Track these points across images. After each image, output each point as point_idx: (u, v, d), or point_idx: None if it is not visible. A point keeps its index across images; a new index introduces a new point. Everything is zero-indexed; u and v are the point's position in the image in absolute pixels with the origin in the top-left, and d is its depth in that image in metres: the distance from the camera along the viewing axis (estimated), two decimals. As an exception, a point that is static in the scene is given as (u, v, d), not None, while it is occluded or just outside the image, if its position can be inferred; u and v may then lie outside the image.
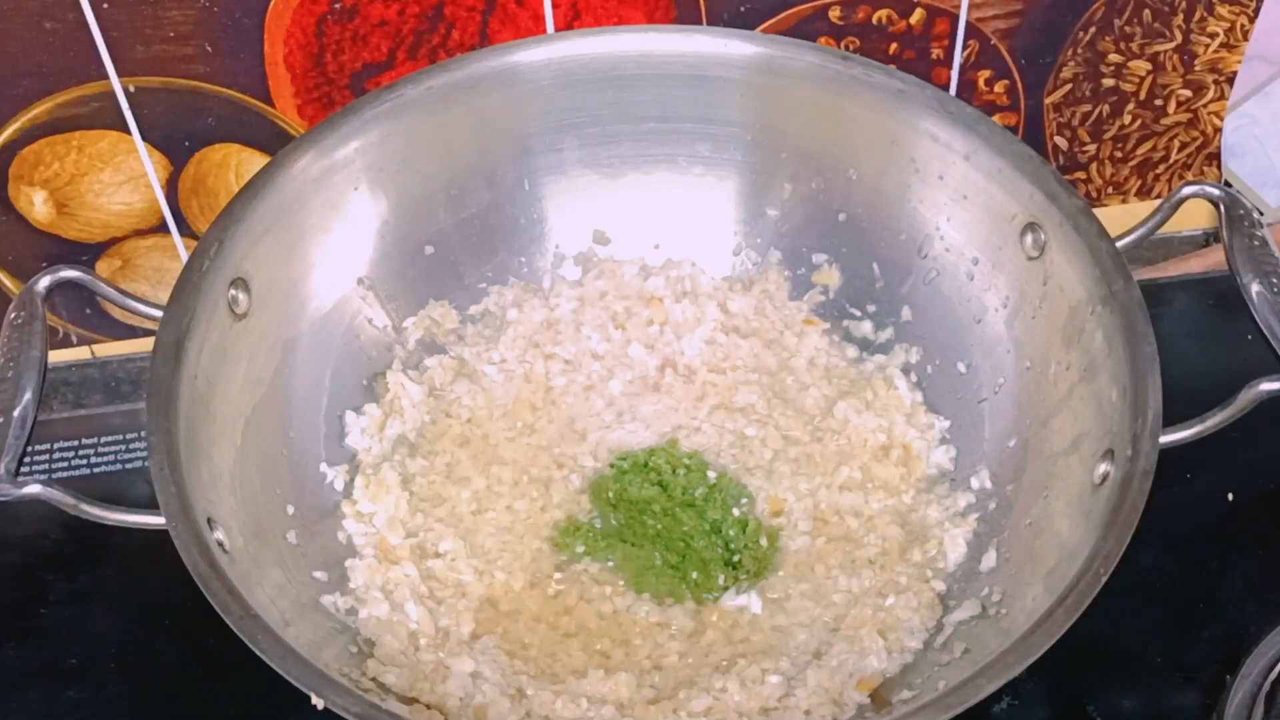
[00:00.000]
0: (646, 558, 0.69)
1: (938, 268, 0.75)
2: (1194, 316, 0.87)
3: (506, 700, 0.63)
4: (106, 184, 0.80)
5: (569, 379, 0.77)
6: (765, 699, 0.63)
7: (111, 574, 0.75)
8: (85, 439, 0.82)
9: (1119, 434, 0.61)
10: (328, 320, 0.74)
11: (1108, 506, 0.59)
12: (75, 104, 0.76)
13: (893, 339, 0.77)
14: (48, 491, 0.61)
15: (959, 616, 0.66)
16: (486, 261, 0.79)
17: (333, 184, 0.72)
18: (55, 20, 0.72)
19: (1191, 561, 0.74)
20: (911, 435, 0.74)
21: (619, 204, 0.79)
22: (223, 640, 0.55)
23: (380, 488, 0.70)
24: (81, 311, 0.85)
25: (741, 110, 0.76)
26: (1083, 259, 0.67)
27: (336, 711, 0.54)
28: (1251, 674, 0.69)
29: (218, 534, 0.60)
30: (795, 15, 0.79)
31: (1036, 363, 0.71)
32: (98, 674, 0.71)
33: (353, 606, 0.66)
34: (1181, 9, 0.82)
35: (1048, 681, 0.69)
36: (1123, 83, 0.85)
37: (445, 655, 0.64)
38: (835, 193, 0.77)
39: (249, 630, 0.55)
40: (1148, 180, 0.90)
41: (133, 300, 0.69)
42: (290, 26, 0.75)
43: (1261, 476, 0.78)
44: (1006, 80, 0.83)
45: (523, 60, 0.75)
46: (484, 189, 0.78)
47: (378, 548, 0.69)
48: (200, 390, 0.64)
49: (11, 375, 0.64)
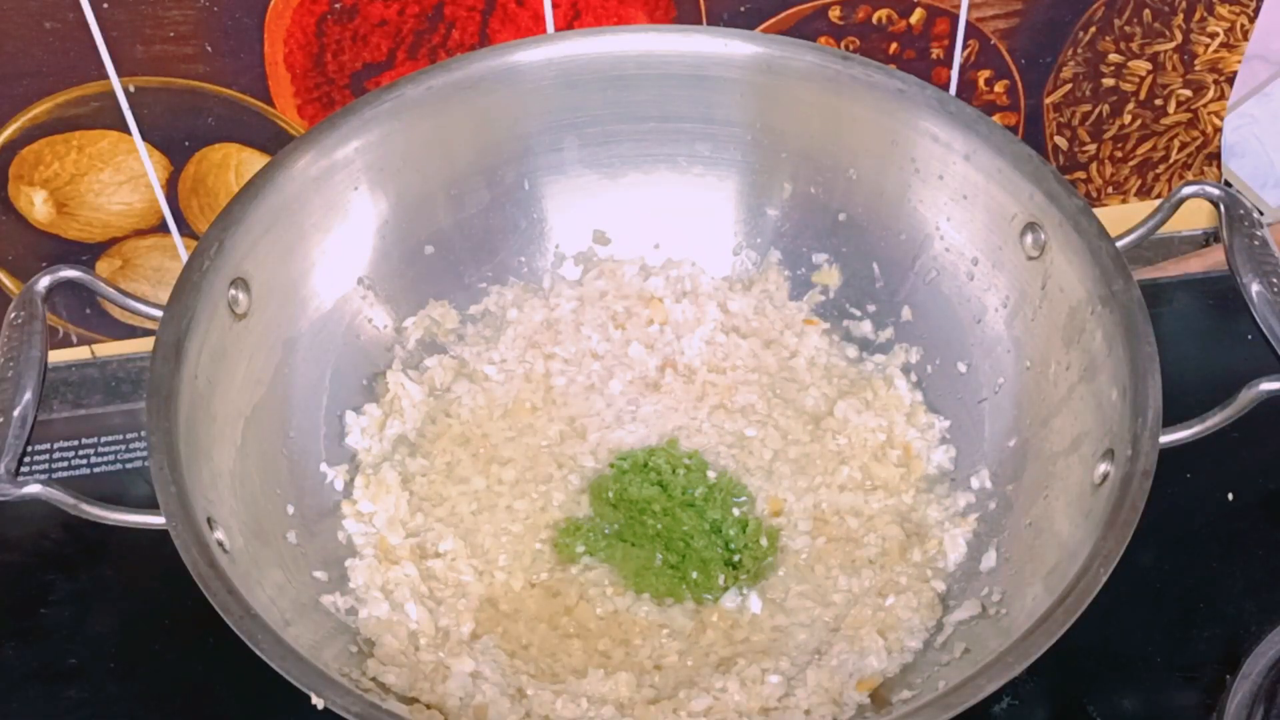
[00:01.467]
0: (646, 558, 0.69)
1: (938, 268, 0.75)
2: (1194, 316, 0.87)
3: (506, 700, 0.63)
4: (106, 184, 0.80)
5: (569, 379, 0.77)
6: (765, 699, 0.63)
7: (111, 574, 0.75)
8: (85, 439, 0.82)
9: (1119, 434, 0.61)
10: (328, 320, 0.74)
11: (1108, 506, 0.59)
12: (75, 104, 0.76)
13: (893, 339, 0.77)
14: (48, 491, 0.61)
15: (959, 616, 0.66)
16: (486, 261, 0.79)
17: (333, 184, 0.72)
18: (55, 20, 0.72)
19: (1191, 561, 0.74)
20: (911, 435, 0.74)
21: (619, 204, 0.79)
22: (223, 640, 0.55)
23: (380, 488, 0.71)
24: (81, 311, 0.85)
25: (741, 110, 0.76)
26: (1083, 259, 0.67)
27: (336, 711, 0.54)
28: (1251, 674, 0.69)
29: (218, 534, 0.60)
30: (795, 15, 0.79)
31: (1036, 363, 0.71)
32: (98, 674, 0.71)
33: (353, 606, 0.66)
34: (1181, 9, 0.82)
35: (1048, 681, 0.69)
36: (1123, 83, 0.85)
37: (445, 655, 0.64)
38: (835, 193, 0.77)
39: (249, 630, 0.55)
40: (1148, 180, 0.90)
41: (133, 300, 0.69)
42: (290, 26, 0.75)
43: (1261, 476, 0.78)
44: (1006, 80, 0.83)
45: (523, 60, 0.75)
46: (484, 189, 0.78)
47: (378, 548, 0.69)
48: (200, 390, 0.64)
49: (11, 375, 0.64)
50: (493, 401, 0.76)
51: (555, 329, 0.78)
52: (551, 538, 0.71)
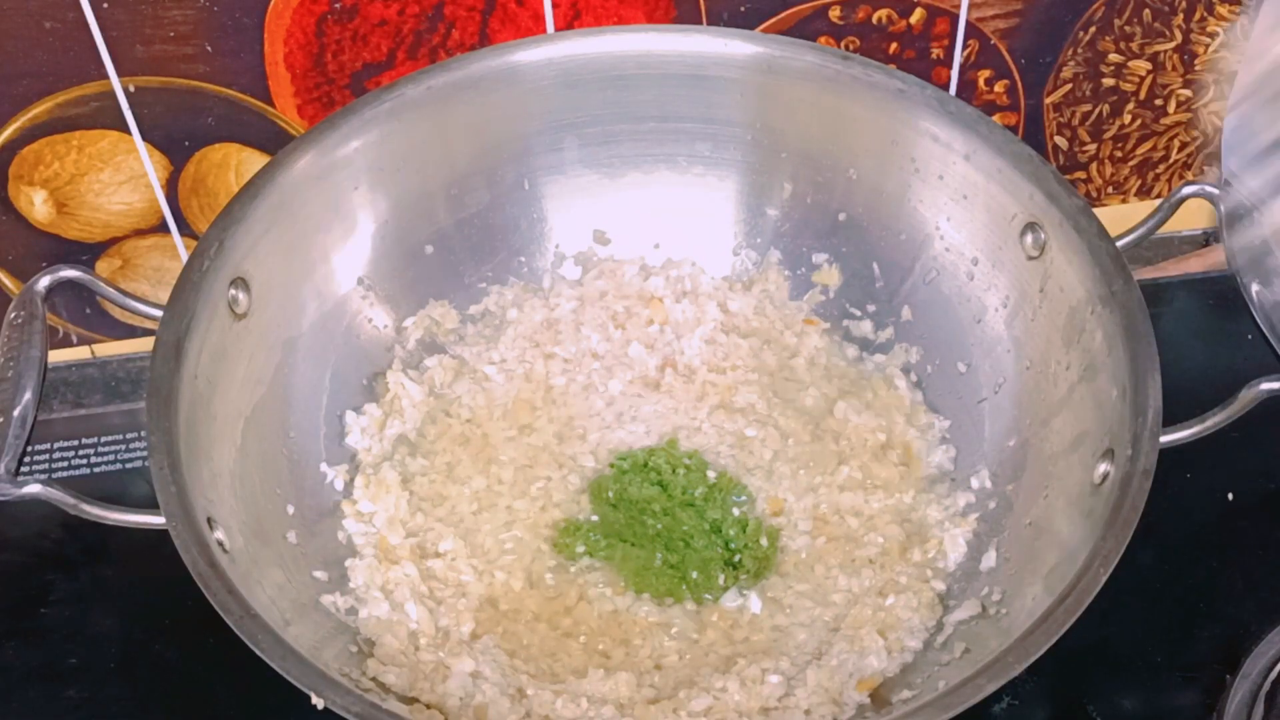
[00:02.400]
0: (646, 558, 0.69)
1: (938, 268, 0.75)
2: (1194, 316, 0.87)
3: (506, 700, 0.63)
4: (106, 184, 0.80)
5: (569, 379, 0.77)
6: (765, 698, 0.63)
7: (111, 574, 0.75)
8: (85, 439, 0.82)
9: (1119, 434, 0.61)
10: (328, 320, 0.74)
11: (1108, 506, 0.59)
12: (75, 104, 0.76)
13: (893, 339, 0.77)
14: (48, 491, 0.61)
15: (959, 616, 0.66)
16: (486, 261, 0.79)
17: (333, 184, 0.72)
18: (55, 20, 0.72)
19: (1191, 561, 0.74)
20: (911, 435, 0.74)
21: (619, 204, 0.79)
22: (223, 640, 0.55)
23: (380, 487, 0.71)
24: (81, 311, 0.85)
25: (741, 110, 0.76)
26: (1083, 259, 0.67)
27: (336, 711, 0.54)
28: (1251, 674, 0.69)
29: (218, 534, 0.60)
30: (795, 15, 0.79)
31: (1036, 363, 0.71)
32: (98, 674, 0.71)
33: (353, 606, 0.66)
34: (1181, 9, 0.82)
35: (1048, 681, 0.69)
36: (1123, 82, 0.85)
37: (445, 655, 0.64)
38: (835, 193, 0.77)
39: (249, 630, 0.55)
40: (1148, 180, 0.90)
41: (133, 300, 0.69)
42: (290, 26, 0.75)
43: (1261, 476, 0.78)
44: (1006, 80, 0.83)
45: (523, 60, 0.75)
46: (484, 189, 0.78)
47: (378, 547, 0.69)
48: (200, 390, 0.64)
49: (11, 375, 0.64)
50: (492, 401, 0.76)
51: (555, 329, 0.78)
52: (551, 537, 0.71)
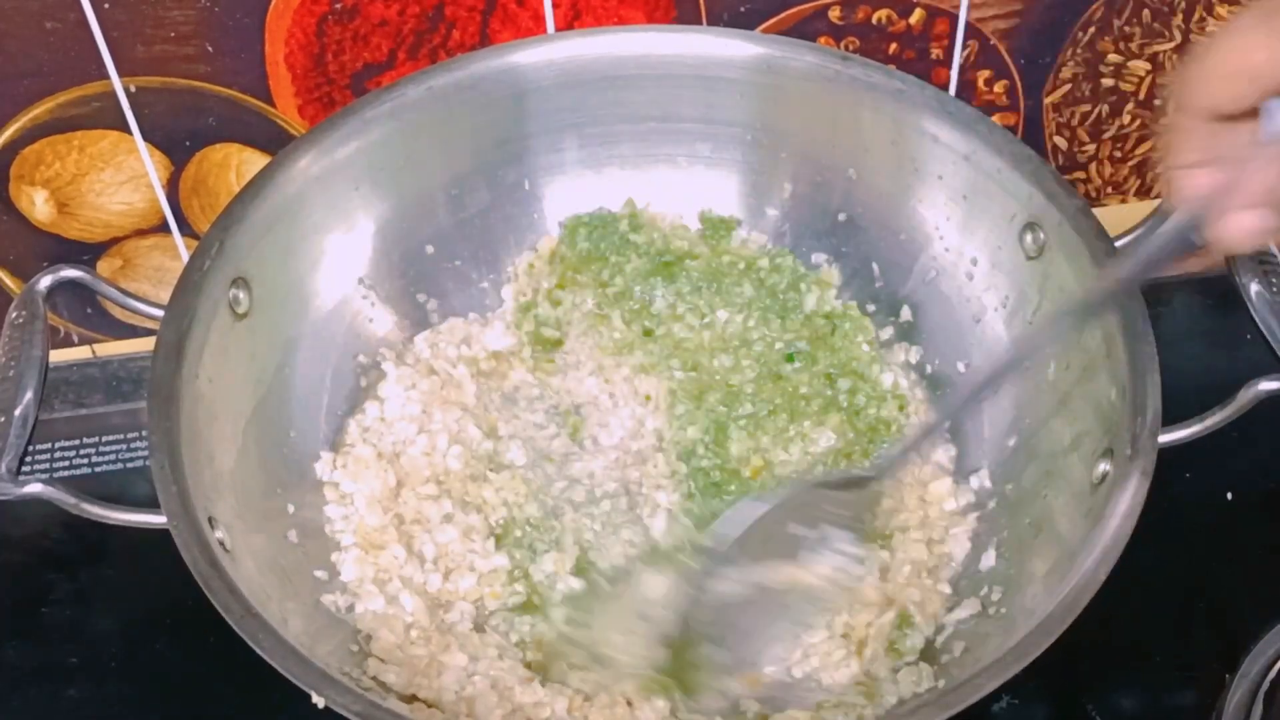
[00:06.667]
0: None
1: (938, 268, 0.75)
2: (1194, 316, 0.87)
3: (498, 695, 0.62)
4: (107, 184, 0.80)
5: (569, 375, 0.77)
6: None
7: (112, 574, 0.75)
8: (86, 438, 0.82)
9: (1118, 433, 0.62)
10: (328, 320, 0.74)
11: (1107, 506, 0.59)
12: (76, 104, 0.76)
13: (893, 339, 0.77)
14: (49, 491, 0.61)
15: (959, 616, 0.66)
16: (486, 261, 0.79)
17: (333, 184, 0.72)
18: (56, 20, 0.72)
19: (1190, 561, 0.74)
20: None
21: (619, 204, 0.79)
22: (223, 640, 0.55)
23: (359, 464, 0.69)
24: (83, 311, 0.85)
25: (742, 110, 0.76)
26: (1082, 259, 0.67)
27: (337, 710, 0.54)
28: (1251, 673, 0.69)
29: (218, 533, 0.60)
30: (795, 15, 0.79)
31: (1036, 362, 0.70)
32: (98, 674, 0.72)
33: (351, 604, 0.66)
34: (1181, 9, 0.82)
35: (1048, 681, 0.69)
36: (1122, 83, 0.85)
37: (440, 648, 0.64)
38: (835, 193, 0.77)
39: (250, 629, 0.55)
40: (1147, 180, 0.90)
41: (134, 300, 0.69)
42: (291, 26, 0.75)
43: (1261, 476, 0.78)
44: (1006, 80, 0.83)
45: (523, 60, 0.75)
46: (484, 189, 0.78)
47: (357, 533, 0.68)
48: (201, 390, 0.64)
49: (13, 375, 0.64)
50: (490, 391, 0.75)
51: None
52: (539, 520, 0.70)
